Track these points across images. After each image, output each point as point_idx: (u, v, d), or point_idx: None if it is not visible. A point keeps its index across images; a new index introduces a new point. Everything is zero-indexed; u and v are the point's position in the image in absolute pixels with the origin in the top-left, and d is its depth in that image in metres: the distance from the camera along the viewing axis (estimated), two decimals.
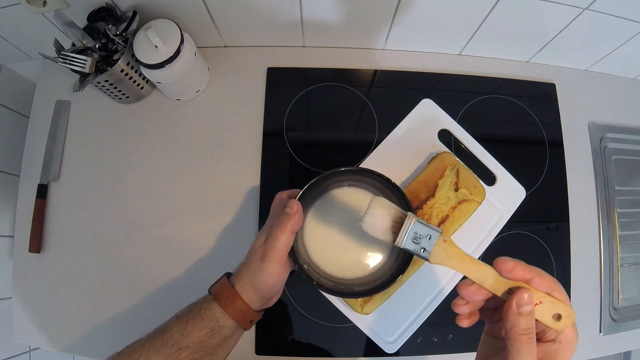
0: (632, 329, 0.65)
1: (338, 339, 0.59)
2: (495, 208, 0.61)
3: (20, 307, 0.61)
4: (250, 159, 0.65)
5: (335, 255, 0.46)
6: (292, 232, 0.41)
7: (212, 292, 0.42)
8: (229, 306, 0.40)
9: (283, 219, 0.40)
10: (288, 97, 0.67)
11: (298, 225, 0.41)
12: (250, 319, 0.41)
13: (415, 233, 0.34)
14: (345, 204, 0.47)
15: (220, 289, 0.41)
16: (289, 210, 0.41)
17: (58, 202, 0.64)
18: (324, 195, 0.47)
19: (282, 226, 0.40)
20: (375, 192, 0.48)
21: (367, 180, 0.47)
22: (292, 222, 0.40)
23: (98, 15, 0.57)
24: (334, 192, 0.47)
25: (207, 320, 0.39)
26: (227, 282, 0.42)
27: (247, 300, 0.41)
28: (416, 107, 0.64)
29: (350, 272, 0.46)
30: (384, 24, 0.64)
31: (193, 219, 0.63)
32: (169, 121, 0.66)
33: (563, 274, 0.64)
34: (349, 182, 0.47)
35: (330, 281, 0.45)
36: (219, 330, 0.39)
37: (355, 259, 0.46)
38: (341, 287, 0.44)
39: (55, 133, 0.66)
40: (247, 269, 0.42)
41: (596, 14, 0.57)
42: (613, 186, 0.71)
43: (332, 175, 0.44)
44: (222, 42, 0.69)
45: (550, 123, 0.70)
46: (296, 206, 0.41)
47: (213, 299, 0.41)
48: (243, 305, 0.40)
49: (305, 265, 0.44)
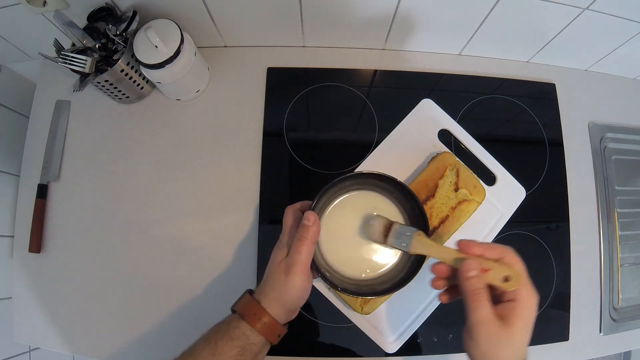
0: (632, 329, 0.65)
1: (338, 339, 0.59)
2: (495, 208, 0.61)
3: (20, 307, 0.61)
4: (250, 159, 0.65)
5: (353, 258, 0.47)
6: (312, 243, 0.42)
7: (237, 310, 0.42)
8: (257, 323, 0.40)
9: (302, 232, 0.41)
10: (288, 97, 0.67)
11: (317, 235, 0.42)
12: (278, 333, 0.42)
13: (399, 234, 0.44)
14: (354, 208, 0.49)
15: (247, 307, 0.42)
16: (306, 222, 0.42)
17: (58, 202, 0.64)
18: (334, 202, 0.49)
19: (302, 239, 0.41)
20: (381, 191, 0.49)
21: (372, 182, 0.48)
22: (311, 233, 0.41)
23: (98, 15, 0.57)
24: (343, 198, 0.49)
25: (237, 339, 0.40)
26: (252, 299, 0.42)
27: (275, 316, 0.41)
28: (416, 107, 0.64)
29: (369, 273, 0.47)
30: (384, 24, 0.64)
31: (193, 219, 0.63)
32: (169, 121, 0.66)
33: (563, 274, 0.64)
34: (355, 186, 0.49)
35: (352, 284, 0.46)
36: (250, 348, 0.40)
37: (373, 259, 0.48)
38: (364, 289, 0.46)
39: (55, 133, 0.66)
40: (271, 285, 0.42)
41: (596, 14, 0.57)
42: (613, 186, 0.71)
43: (339, 182, 0.46)
44: (222, 42, 0.69)
45: (550, 123, 0.70)
46: (313, 217, 0.42)
47: (241, 318, 0.41)
48: (271, 321, 0.41)
49: (327, 273, 0.45)
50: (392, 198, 0.49)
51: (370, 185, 0.49)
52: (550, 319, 0.63)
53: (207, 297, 0.60)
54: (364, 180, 0.48)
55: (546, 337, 0.62)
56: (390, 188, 0.48)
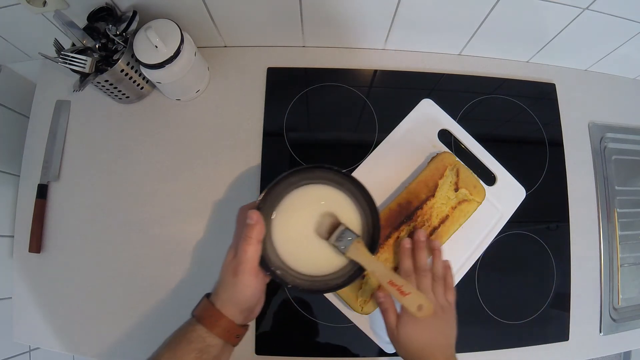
0: (632, 329, 0.65)
1: (338, 339, 0.59)
2: (495, 208, 0.61)
3: (20, 307, 0.61)
4: (251, 159, 0.65)
5: (308, 254, 0.47)
6: (257, 241, 0.41)
7: (194, 314, 0.43)
8: (213, 325, 0.41)
9: (246, 231, 0.41)
10: (288, 97, 0.67)
11: (261, 233, 0.42)
12: (236, 334, 0.42)
13: (341, 235, 0.45)
14: (306, 203, 0.48)
15: (203, 310, 0.42)
16: (249, 221, 0.42)
17: (58, 202, 0.64)
18: (284, 198, 0.48)
19: (247, 238, 0.41)
20: (331, 184, 0.48)
21: (321, 175, 0.47)
22: (255, 232, 0.41)
23: (98, 15, 0.57)
24: (294, 194, 0.48)
25: (195, 342, 0.40)
26: (208, 302, 0.42)
27: (230, 316, 0.41)
28: (416, 107, 0.64)
29: (325, 268, 0.47)
30: (384, 24, 0.64)
31: (193, 219, 0.63)
32: (169, 121, 0.66)
33: (563, 274, 0.64)
34: (305, 181, 0.48)
35: (307, 280, 0.46)
36: (208, 350, 0.40)
37: (328, 255, 0.47)
38: (318, 284, 0.46)
39: (55, 133, 0.66)
40: (223, 286, 0.42)
41: (596, 14, 0.57)
42: (613, 186, 0.71)
43: (285, 178, 0.45)
44: (222, 42, 0.69)
45: (550, 123, 0.70)
46: (255, 216, 0.42)
47: (197, 321, 0.41)
48: (227, 322, 0.41)
49: (278, 271, 0.44)
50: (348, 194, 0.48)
51: (321, 179, 0.48)
52: (550, 319, 0.63)
53: None
54: (312, 175, 0.47)
55: (546, 337, 0.62)
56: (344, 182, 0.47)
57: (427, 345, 0.46)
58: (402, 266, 0.51)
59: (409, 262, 0.51)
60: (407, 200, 0.56)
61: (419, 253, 0.51)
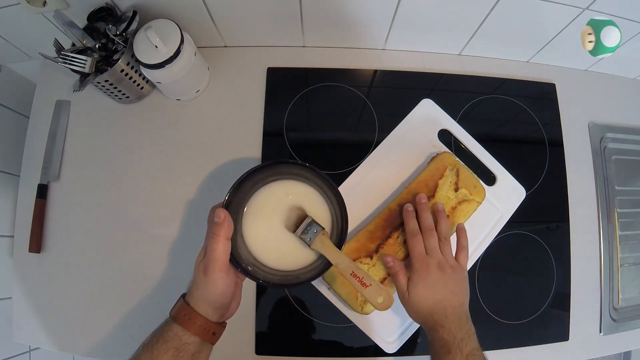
0: (632, 329, 0.65)
1: (338, 339, 0.59)
2: (495, 208, 0.61)
3: (20, 307, 0.61)
4: (251, 159, 0.65)
5: (279, 249, 0.48)
6: (226, 239, 0.42)
7: (171, 314, 0.43)
8: (188, 323, 0.41)
9: (214, 229, 0.42)
10: (288, 97, 0.67)
11: (230, 231, 0.42)
12: (212, 331, 0.42)
13: (307, 228, 0.46)
14: (273, 199, 0.49)
15: (178, 310, 0.42)
16: (217, 219, 0.42)
17: (58, 202, 0.64)
18: (253, 195, 0.48)
19: (215, 236, 0.41)
20: (298, 178, 0.49)
21: (287, 170, 0.48)
22: (223, 230, 0.41)
23: (98, 15, 0.57)
24: (262, 190, 0.49)
25: (171, 341, 0.40)
26: (183, 301, 0.43)
27: (204, 314, 0.42)
28: (416, 107, 0.64)
29: (297, 263, 0.48)
30: (384, 24, 0.64)
31: (193, 219, 0.63)
32: (169, 121, 0.66)
33: (563, 274, 0.64)
34: (272, 177, 0.49)
35: (277, 275, 0.46)
36: (184, 348, 0.40)
37: (298, 249, 0.47)
38: (289, 279, 0.46)
39: (55, 133, 0.66)
40: (195, 285, 0.43)
41: (596, 14, 0.57)
42: (613, 186, 0.71)
43: (250, 175, 0.46)
44: (222, 42, 0.69)
45: (550, 123, 0.70)
46: (222, 213, 0.42)
47: (173, 320, 0.42)
48: (201, 320, 0.41)
49: (249, 267, 0.45)
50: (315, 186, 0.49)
51: (288, 174, 0.49)
52: (550, 319, 0.63)
53: None
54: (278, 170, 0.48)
55: (546, 337, 0.62)
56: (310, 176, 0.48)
57: (438, 304, 0.47)
58: (408, 227, 0.53)
59: (414, 222, 0.53)
60: (407, 200, 0.56)
61: (423, 214, 0.53)
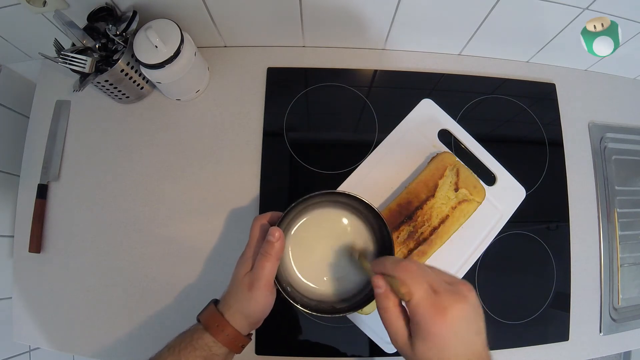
0: (632, 329, 0.65)
1: (338, 339, 0.59)
2: (495, 208, 0.61)
3: (20, 307, 0.61)
4: (250, 159, 0.65)
5: (317, 274, 0.47)
6: (277, 259, 0.42)
7: (201, 321, 0.43)
8: (220, 334, 0.41)
9: (267, 248, 0.41)
10: (288, 97, 0.67)
11: (281, 251, 0.42)
12: (241, 344, 0.42)
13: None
14: (323, 224, 0.49)
15: (210, 318, 0.42)
16: (271, 239, 0.42)
17: (58, 202, 0.64)
18: (303, 216, 0.48)
19: (267, 255, 0.41)
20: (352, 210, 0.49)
21: (344, 201, 0.48)
22: (275, 250, 0.41)
23: (98, 15, 0.57)
24: (313, 213, 0.49)
25: (200, 349, 0.40)
26: (216, 310, 0.43)
27: (238, 328, 0.42)
28: (416, 107, 0.64)
29: (332, 290, 0.47)
30: (384, 24, 0.64)
31: (193, 219, 0.63)
32: (169, 121, 0.66)
33: (563, 274, 0.64)
34: (326, 203, 0.49)
35: (313, 300, 0.46)
36: (212, 359, 0.40)
37: (337, 277, 0.47)
38: (324, 306, 0.46)
39: (55, 133, 0.66)
40: (235, 297, 0.42)
41: (596, 14, 0.57)
42: (613, 186, 0.71)
43: (310, 199, 0.45)
44: (222, 42, 0.69)
45: (550, 123, 0.70)
46: (278, 233, 0.42)
47: (204, 329, 0.41)
48: (234, 333, 0.41)
49: (289, 288, 0.45)
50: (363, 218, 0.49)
51: (342, 204, 0.49)
52: (550, 319, 0.63)
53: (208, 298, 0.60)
54: (336, 198, 0.48)
55: (546, 337, 0.62)
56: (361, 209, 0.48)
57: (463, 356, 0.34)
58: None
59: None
60: (407, 200, 0.56)
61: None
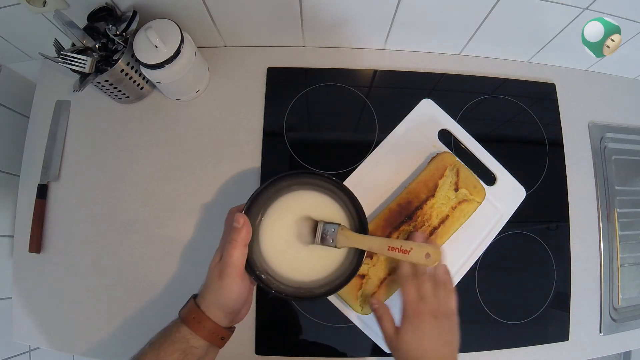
0: (632, 329, 0.65)
1: (338, 339, 0.59)
2: (495, 208, 0.61)
3: (20, 307, 0.61)
4: (250, 159, 0.65)
5: (293, 260, 0.47)
6: (244, 245, 0.42)
7: (180, 315, 0.43)
8: (197, 327, 0.41)
9: (233, 234, 0.42)
10: (288, 97, 0.67)
11: (248, 237, 0.42)
12: (220, 336, 0.42)
13: (324, 232, 0.46)
14: (294, 209, 0.48)
15: (188, 311, 0.42)
16: (236, 225, 0.42)
17: (58, 202, 0.64)
18: (273, 202, 0.48)
19: (233, 241, 0.41)
20: (322, 190, 0.48)
21: (311, 181, 0.48)
22: (242, 236, 0.41)
23: (98, 15, 0.57)
24: (283, 198, 0.48)
25: (178, 343, 0.40)
26: (194, 303, 0.43)
27: (215, 319, 0.41)
28: (416, 107, 0.64)
29: (310, 275, 0.47)
30: (383, 24, 0.64)
31: (193, 219, 0.63)
32: (169, 121, 0.66)
33: (563, 274, 0.64)
34: (295, 186, 0.48)
35: (291, 287, 0.46)
36: (191, 352, 0.40)
37: (314, 262, 0.47)
38: (302, 292, 0.46)
39: (55, 133, 0.66)
40: (208, 288, 0.43)
41: (596, 14, 0.57)
42: (613, 186, 0.71)
43: (275, 182, 0.45)
44: (222, 42, 0.69)
45: (550, 123, 0.70)
46: (242, 219, 0.42)
47: (182, 322, 0.41)
48: (211, 325, 0.41)
49: (263, 275, 0.45)
50: (335, 197, 0.48)
51: (312, 185, 0.48)
52: (550, 319, 0.63)
53: None
54: (302, 180, 0.48)
55: (546, 337, 0.62)
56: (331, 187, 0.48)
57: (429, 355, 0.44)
58: (402, 271, 0.48)
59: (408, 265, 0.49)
60: (407, 200, 0.56)
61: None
